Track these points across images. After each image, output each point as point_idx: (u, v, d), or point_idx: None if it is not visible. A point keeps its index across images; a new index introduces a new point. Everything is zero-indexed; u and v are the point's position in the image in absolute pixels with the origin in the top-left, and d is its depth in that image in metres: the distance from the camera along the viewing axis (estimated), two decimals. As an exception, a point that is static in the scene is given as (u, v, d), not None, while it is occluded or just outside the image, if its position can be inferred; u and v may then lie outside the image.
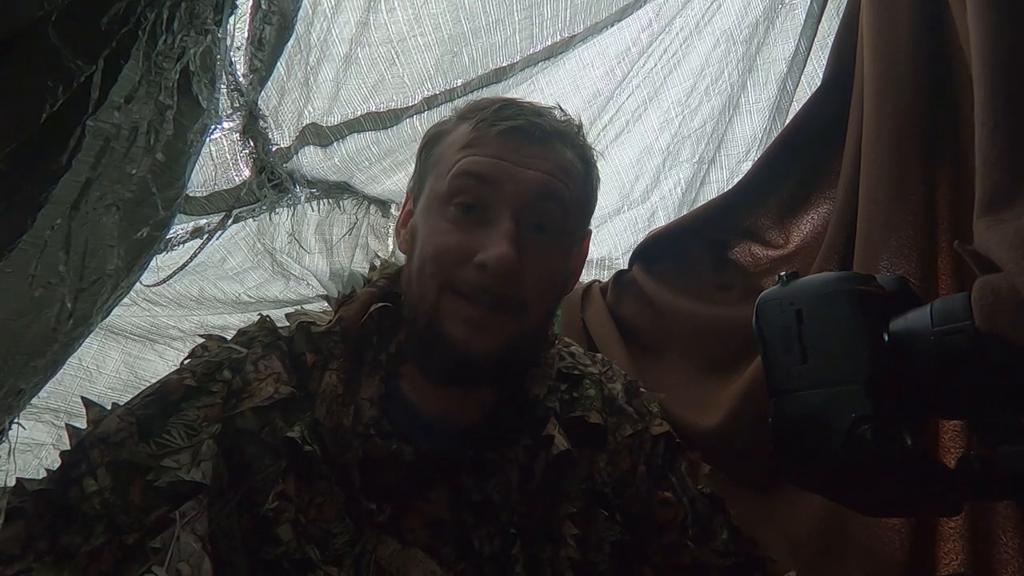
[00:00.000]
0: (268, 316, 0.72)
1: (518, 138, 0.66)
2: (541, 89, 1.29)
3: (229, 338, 0.70)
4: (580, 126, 0.73)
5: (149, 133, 0.66)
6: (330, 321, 0.69)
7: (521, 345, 0.67)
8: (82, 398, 0.63)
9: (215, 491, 0.58)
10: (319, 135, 1.20)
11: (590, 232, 0.77)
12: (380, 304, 0.70)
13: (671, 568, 0.72)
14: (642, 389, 0.83)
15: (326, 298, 0.76)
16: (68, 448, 0.58)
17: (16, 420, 0.96)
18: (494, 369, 0.65)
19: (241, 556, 0.58)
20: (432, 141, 0.72)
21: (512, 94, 1.23)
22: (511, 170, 0.64)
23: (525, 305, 0.64)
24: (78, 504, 0.55)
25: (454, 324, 0.63)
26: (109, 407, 0.62)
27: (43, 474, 0.58)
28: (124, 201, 0.70)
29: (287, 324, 0.72)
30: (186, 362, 0.66)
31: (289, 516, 0.59)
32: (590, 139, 0.77)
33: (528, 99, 0.73)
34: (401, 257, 0.75)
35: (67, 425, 0.60)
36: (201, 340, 0.69)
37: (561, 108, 0.73)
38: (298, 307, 0.78)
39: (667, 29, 1.30)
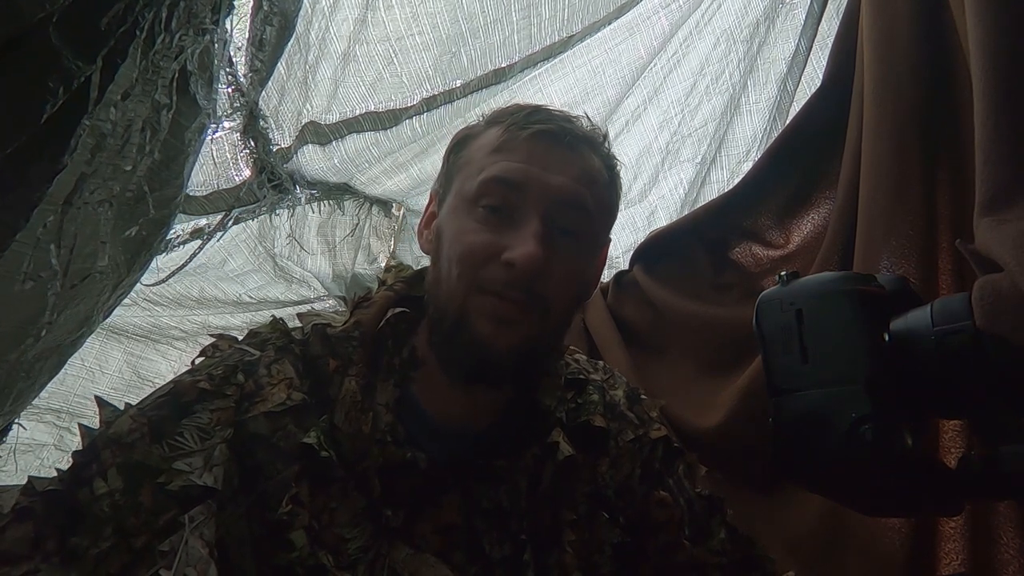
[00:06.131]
0: (280, 317, 0.71)
1: (547, 142, 0.66)
2: (548, 94, 1.28)
3: (240, 338, 0.69)
4: (606, 136, 0.74)
5: (145, 131, 0.66)
6: (346, 324, 0.69)
7: (542, 344, 0.68)
8: (95, 397, 0.63)
9: (226, 496, 0.58)
10: (318, 133, 1.20)
11: (610, 240, 0.77)
12: (398, 309, 0.70)
13: (669, 568, 0.72)
14: (643, 396, 0.83)
15: (343, 299, 0.76)
16: (79, 448, 0.58)
17: (17, 420, 0.96)
18: (516, 366, 0.65)
19: (251, 561, 0.58)
20: (460, 144, 0.72)
21: (513, 95, 1.23)
22: (539, 174, 0.64)
23: (549, 304, 0.65)
24: (87, 505, 0.54)
25: (482, 321, 0.63)
26: (122, 407, 0.62)
27: (45, 474, 0.58)
28: (116, 198, 0.69)
29: (298, 324, 0.71)
30: (198, 361, 0.66)
31: (303, 521, 0.59)
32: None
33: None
34: (404, 259, 0.75)
35: (79, 425, 0.60)
36: (210, 339, 0.69)
37: (588, 117, 0.73)
38: (309, 307, 0.77)
39: (672, 31, 1.30)
